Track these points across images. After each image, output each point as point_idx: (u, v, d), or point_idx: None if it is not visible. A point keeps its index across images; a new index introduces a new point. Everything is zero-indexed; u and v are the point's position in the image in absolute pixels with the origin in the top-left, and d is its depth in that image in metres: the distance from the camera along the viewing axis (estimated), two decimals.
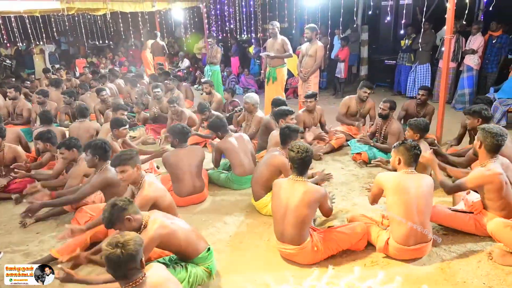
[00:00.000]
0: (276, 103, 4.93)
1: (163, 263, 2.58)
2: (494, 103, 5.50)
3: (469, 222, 2.98)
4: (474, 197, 3.20)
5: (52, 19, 9.68)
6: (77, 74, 11.82)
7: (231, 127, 5.84)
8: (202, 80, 8.12)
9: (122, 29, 9.64)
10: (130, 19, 9.11)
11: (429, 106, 5.13)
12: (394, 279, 2.59)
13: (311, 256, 2.76)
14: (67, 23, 10.56)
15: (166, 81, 7.09)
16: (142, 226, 2.35)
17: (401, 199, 2.64)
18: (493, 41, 6.67)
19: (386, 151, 4.54)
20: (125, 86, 8.25)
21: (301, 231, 2.72)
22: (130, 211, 2.29)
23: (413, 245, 2.67)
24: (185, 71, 11.28)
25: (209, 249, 2.62)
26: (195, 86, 10.54)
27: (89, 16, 10.76)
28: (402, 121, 5.15)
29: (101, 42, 13.92)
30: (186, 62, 11.48)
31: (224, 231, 3.36)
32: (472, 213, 3.02)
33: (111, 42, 14.34)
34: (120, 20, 8.74)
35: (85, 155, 3.27)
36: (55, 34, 9.60)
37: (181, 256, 2.57)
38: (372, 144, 4.67)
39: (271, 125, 4.69)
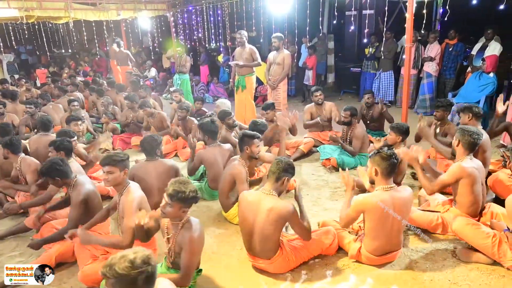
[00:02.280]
0: (221, 116, 4.85)
1: None
2: (452, 107, 5.79)
3: (436, 221, 3.10)
4: (440, 197, 3.35)
5: (10, 28, 9.25)
6: (38, 84, 11.34)
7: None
8: (171, 89, 8.03)
9: (86, 38, 9.36)
10: (94, 28, 8.85)
11: (376, 106, 5.47)
12: (365, 281, 2.64)
13: (283, 266, 2.75)
14: (26, 32, 10.11)
15: (140, 90, 7.00)
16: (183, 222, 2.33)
17: (375, 218, 2.60)
18: (450, 49, 7.06)
19: (352, 154, 4.72)
20: (91, 96, 8.00)
21: (270, 247, 2.68)
22: None
23: (384, 254, 2.74)
24: (152, 80, 11.11)
25: (200, 270, 2.56)
26: (164, 95, 10.39)
27: (50, 25, 10.39)
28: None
29: (63, 51, 13.45)
30: (153, 71, 11.30)
31: None
32: (439, 212, 3.16)
33: (74, 51, 13.87)
34: (83, 29, 8.49)
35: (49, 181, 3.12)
36: (13, 43, 9.17)
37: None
38: (340, 143, 4.79)
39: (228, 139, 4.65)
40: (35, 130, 5.91)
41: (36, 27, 9.39)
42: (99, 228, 3.10)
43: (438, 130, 4.38)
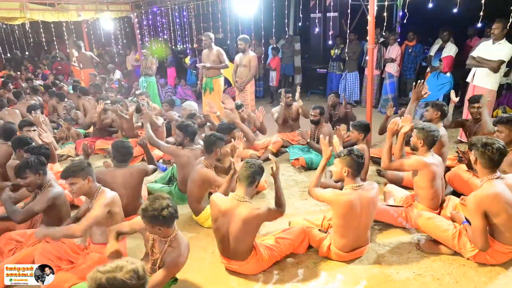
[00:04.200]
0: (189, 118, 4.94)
1: None
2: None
3: (401, 215, 3.22)
4: (403, 193, 3.49)
5: None
6: None
7: (170, 138, 5.69)
8: (137, 92, 7.83)
9: (44, 39, 8.94)
10: (53, 29, 8.47)
11: (341, 106, 5.59)
12: (335, 277, 2.70)
13: (256, 266, 2.76)
14: None
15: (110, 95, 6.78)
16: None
17: (343, 216, 2.67)
18: (409, 50, 7.37)
19: (320, 152, 4.77)
20: (51, 100, 7.64)
21: (244, 250, 2.69)
22: None
23: (353, 250, 2.82)
24: (117, 83, 10.79)
25: (176, 279, 2.50)
26: (130, 98, 10.13)
27: (4, 26, 9.83)
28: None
29: (20, 53, 12.78)
30: (117, 74, 10.98)
31: None
32: (403, 207, 3.28)
33: (32, 53, 13.21)
34: (41, 30, 8.10)
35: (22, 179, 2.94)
36: None
37: None
38: (308, 140, 4.86)
39: None
40: None
41: None
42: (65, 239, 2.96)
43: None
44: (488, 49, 4.75)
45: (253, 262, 2.72)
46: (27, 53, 13.07)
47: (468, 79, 5.14)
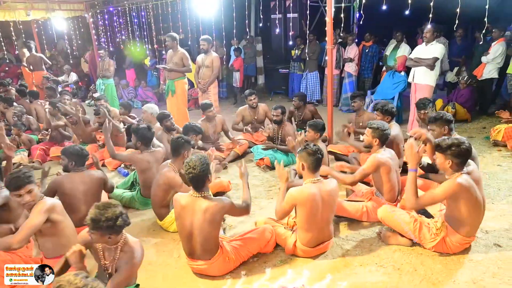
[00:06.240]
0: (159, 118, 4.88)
1: None
2: (371, 103, 6.34)
3: (362, 210, 3.35)
4: (364, 187, 3.61)
5: None
6: None
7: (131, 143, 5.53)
8: (95, 95, 7.53)
9: None
10: None
11: (306, 108, 5.69)
12: (302, 274, 2.74)
13: (223, 266, 2.74)
14: None
15: (66, 97, 6.42)
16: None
17: (307, 210, 2.74)
18: (366, 50, 7.65)
19: (287, 152, 4.85)
20: None
21: (210, 247, 2.68)
22: None
23: (318, 245, 2.88)
24: (73, 86, 10.31)
25: (137, 285, 2.42)
26: (87, 101, 9.72)
27: None
28: None
29: None
30: (73, 76, 10.49)
31: None
32: (364, 201, 3.40)
33: None
34: None
35: None
36: None
37: None
38: (275, 147, 4.92)
39: None
40: None
41: None
42: (20, 251, 2.77)
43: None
44: (423, 50, 5.30)
45: (220, 261, 2.71)
46: None
47: (409, 79, 5.52)
